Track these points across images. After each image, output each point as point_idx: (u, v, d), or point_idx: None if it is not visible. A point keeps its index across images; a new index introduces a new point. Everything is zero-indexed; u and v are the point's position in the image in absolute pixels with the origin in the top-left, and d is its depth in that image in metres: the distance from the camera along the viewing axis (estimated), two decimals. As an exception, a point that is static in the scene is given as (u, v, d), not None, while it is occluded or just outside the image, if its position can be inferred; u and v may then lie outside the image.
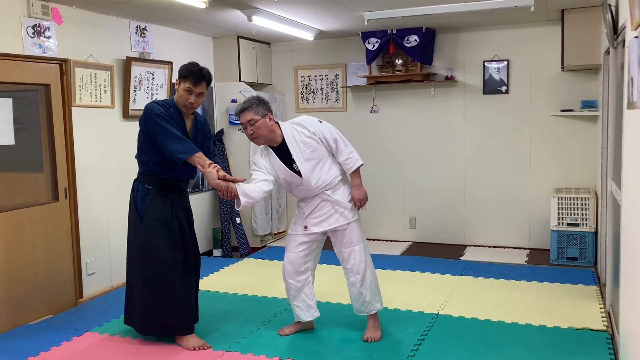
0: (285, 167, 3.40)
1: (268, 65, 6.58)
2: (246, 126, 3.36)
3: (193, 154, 3.25)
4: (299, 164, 3.39)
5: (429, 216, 6.15)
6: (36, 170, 4.29)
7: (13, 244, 3.95)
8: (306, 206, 3.52)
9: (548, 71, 5.55)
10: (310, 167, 3.40)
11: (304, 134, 3.44)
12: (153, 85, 5.09)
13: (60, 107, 4.30)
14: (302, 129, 3.45)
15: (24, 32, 3.97)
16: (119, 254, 4.85)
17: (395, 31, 5.68)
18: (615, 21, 3.58)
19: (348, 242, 3.53)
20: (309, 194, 3.47)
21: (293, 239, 3.60)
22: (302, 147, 3.41)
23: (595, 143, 5.36)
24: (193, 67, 3.38)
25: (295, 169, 3.39)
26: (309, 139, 3.42)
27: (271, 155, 3.43)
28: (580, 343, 3.45)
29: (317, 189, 3.45)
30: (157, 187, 3.48)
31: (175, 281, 3.45)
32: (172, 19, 4.99)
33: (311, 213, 3.50)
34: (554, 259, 5.25)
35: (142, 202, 3.47)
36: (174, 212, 3.51)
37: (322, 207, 3.49)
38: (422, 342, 3.53)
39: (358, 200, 3.51)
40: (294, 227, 3.62)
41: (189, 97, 3.39)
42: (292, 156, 3.40)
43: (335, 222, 3.50)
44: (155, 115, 3.30)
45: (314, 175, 3.42)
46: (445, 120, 6.00)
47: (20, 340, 3.71)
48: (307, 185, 3.42)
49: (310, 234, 3.54)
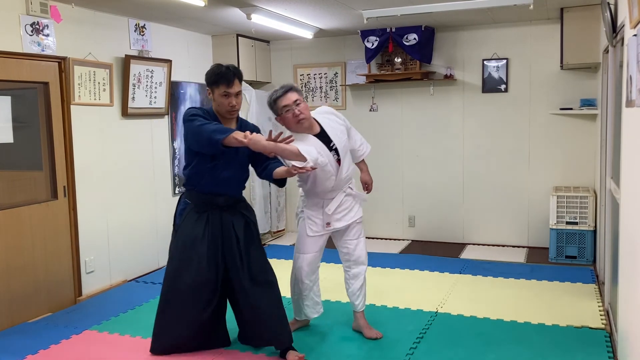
0: (327, 149, 3.27)
1: (267, 63, 6.57)
2: (291, 107, 3.21)
3: (230, 133, 2.97)
4: (339, 148, 3.31)
5: (428, 214, 6.15)
6: (35, 168, 4.29)
7: (12, 242, 3.95)
8: (330, 202, 3.40)
9: (547, 69, 5.55)
10: (344, 155, 3.37)
11: (338, 123, 3.40)
12: (152, 83, 5.09)
13: (59, 105, 4.30)
14: (335, 118, 3.42)
15: (22, 30, 3.96)
16: (118, 252, 4.86)
17: (394, 29, 5.67)
18: (614, 20, 3.58)
19: (356, 234, 3.54)
20: (336, 186, 3.37)
21: (313, 241, 3.47)
22: (340, 135, 3.37)
23: (594, 141, 5.36)
24: (219, 69, 3.14)
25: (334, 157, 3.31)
26: (341, 127, 3.40)
27: (311, 139, 3.26)
28: (579, 341, 3.45)
29: (344, 180, 3.40)
30: (194, 202, 3.29)
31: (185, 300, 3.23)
32: (171, 17, 4.99)
33: (337, 209, 3.42)
34: (552, 257, 5.26)
35: (180, 216, 3.35)
36: (207, 230, 3.24)
37: (345, 202, 3.44)
38: (421, 340, 3.53)
39: (371, 183, 3.57)
40: (312, 229, 3.45)
41: (229, 100, 3.15)
42: (333, 142, 3.31)
43: (355, 215, 3.50)
44: (190, 115, 3.13)
45: (345, 165, 3.37)
46: (444, 118, 6.00)
47: (20, 338, 3.71)
48: (340, 175, 3.34)
49: (326, 232, 3.47)
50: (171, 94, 5.39)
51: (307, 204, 3.48)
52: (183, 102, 5.63)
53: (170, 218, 5.51)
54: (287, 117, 3.25)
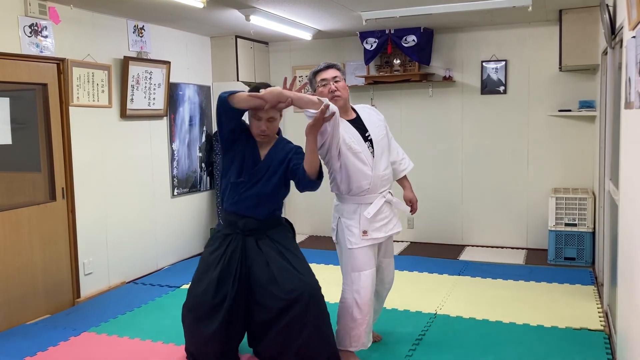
0: (361, 137, 3.05)
1: (266, 65, 6.57)
2: (328, 82, 3.03)
3: (238, 91, 2.84)
4: (374, 139, 3.08)
5: (427, 216, 6.15)
6: (33, 170, 4.28)
7: (10, 244, 3.94)
8: (370, 207, 3.05)
9: (546, 71, 5.55)
10: (380, 151, 3.10)
11: (377, 117, 3.23)
12: (151, 84, 5.09)
13: (57, 107, 4.30)
14: (375, 113, 3.27)
15: (21, 32, 3.96)
16: (116, 254, 4.85)
17: (393, 31, 5.68)
18: (612, 21, 3.58)
19: (390, 252, 3.29)
20: (373, 186, 3.06)
21: (364, 253, 3.04)
22: (377, 128, 3.16)
23: (593, 143, 5.36)
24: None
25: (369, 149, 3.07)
26: (379, 122, 3.21)
27: (345, 124, 3.05)
28: (578, 343, 3.45)
29: (381, 180, 3.09)
30: (225, 223, 3.10)
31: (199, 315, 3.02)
32: (170, 18, 4.99)
33: (375, 215, 3.06)
34: (551, 259, 5.25)
35: (210, 237, 3.25)
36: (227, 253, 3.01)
37: (384, 210, 3.10)
38: (420, 342, 3.53)
39: (415, 202, 3.29)
40: (350, 240, 3.05)
41: (259, 124, 2.95)
42: (369, 132, 3.09)
43: (395, 228, 3.17)
44: None
45: (383, 161, 3.10)
46: (443, 120, 6.00)
47: (18, 340, 3.70)
48: (377, 170, 3.06)
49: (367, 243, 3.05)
50: (170, 96, 5.39)
51: (343, 212, 3.12)
52: (182, 104, 5.63)
53: (169, 219, 5.53)
54: (322, 92, 3.04)
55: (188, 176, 5.74)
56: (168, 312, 4.14)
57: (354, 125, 3.09)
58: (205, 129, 5.99)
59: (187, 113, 5.72)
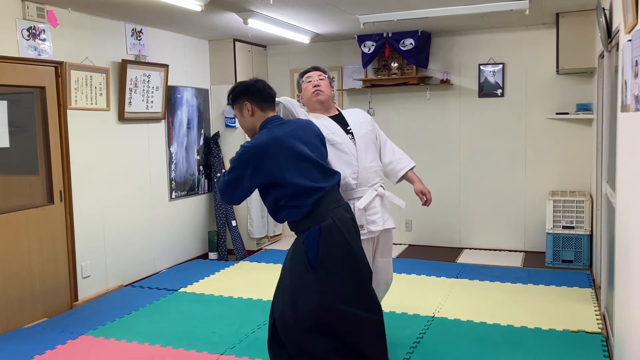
0: (342, 130, 3.14)
1: (264, 68, 6.58)
2: (312, 78, 3.22)
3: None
4: (355, 132, 3.16)
5: (425, 219, 6.15)
6: (31, 173, 4.28)
7: (8, 247, 3.94)
8: (361, 200, 3.09)
9: (543, 74, 5.57)
10: (364, 144, 3.17)
11: (361, 115, 3.34)
12: (149, 88, 5.09)
13: (55, 110, 4.30)
14: (361, 112, 3.38)
15: (19, 35, 3.96)
16: (114, 256, 4.85)
17: (391, 34, 5.69)
18: (609, 25, 3.60)
19: (388, 251, 3.30)
20: (361, 179, 3.11)
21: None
22: (359, 123, 3.24)
23: (590, 146, 5.38)
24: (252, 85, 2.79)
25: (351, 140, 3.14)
26: (365, 120, 3.30)
27: (325, 119, 3.17)
28: (576, 345, 3.45)
29: (370, 173, 3.14)
30: None
31: None
32: (168, 21, 4.99)
33: (369, 205, 3.11)
34: (549, 261, 5.26)
35: None
36: None
37: (376, 203, 3.14)
38: (418, 344, 3.53)
39: (428, 193, 3.28)
40: None
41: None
42: (349, 125, 3.19)
43: (388, 222, 3.21)
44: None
45: (369, 153, 3.18)
46: (441, 123, 6.01)
47: (15, 343, 3.69)
48: (363, 162, 3.12)
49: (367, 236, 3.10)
50: (168, 99, 5.39)
51: None
52: (180, 107, 5.64)
53: (167, 222, 5.53)
54: (306, 88, 3.22)
55: (186, 179, 5.74)
56: (166, 315, 4.14)
57: (335, 120, 3.21)
58: (203, 132, 6.00)
59: (185, 116, 5.72)
